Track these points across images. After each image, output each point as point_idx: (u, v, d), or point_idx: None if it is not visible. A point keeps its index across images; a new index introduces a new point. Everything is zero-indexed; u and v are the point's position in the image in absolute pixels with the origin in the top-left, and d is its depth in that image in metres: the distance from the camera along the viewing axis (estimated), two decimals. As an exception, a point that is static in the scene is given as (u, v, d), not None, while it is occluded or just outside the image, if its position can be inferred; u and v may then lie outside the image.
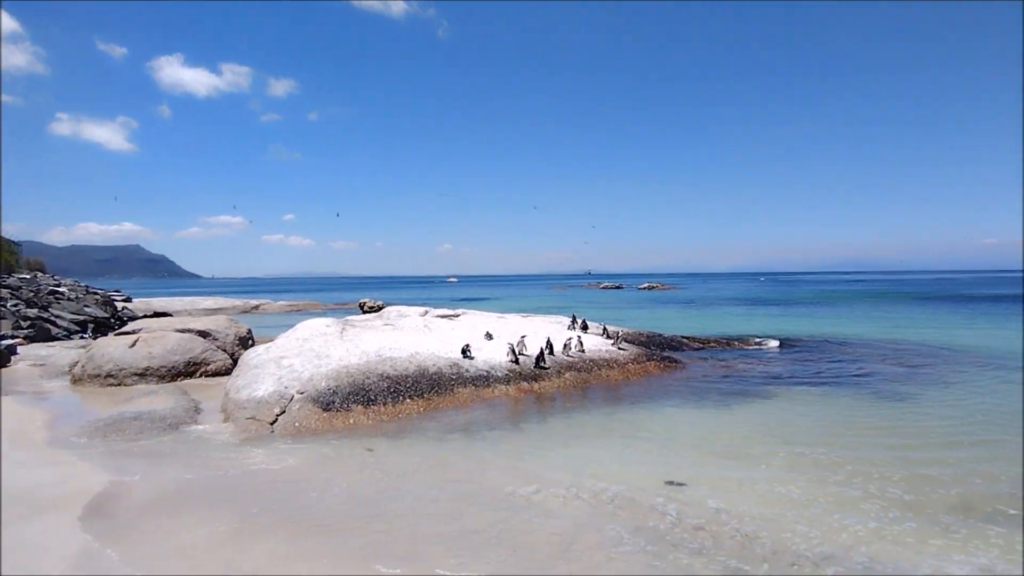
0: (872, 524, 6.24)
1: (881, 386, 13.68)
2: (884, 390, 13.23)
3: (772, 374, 15.49)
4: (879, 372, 15.50)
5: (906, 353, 18.91)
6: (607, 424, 10.63)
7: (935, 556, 5.56)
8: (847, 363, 17.09)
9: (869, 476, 7.65)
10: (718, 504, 6.72)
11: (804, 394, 12.97)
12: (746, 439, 9.63)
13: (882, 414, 11.18)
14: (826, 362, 17.40)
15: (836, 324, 30.12)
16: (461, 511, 6.49)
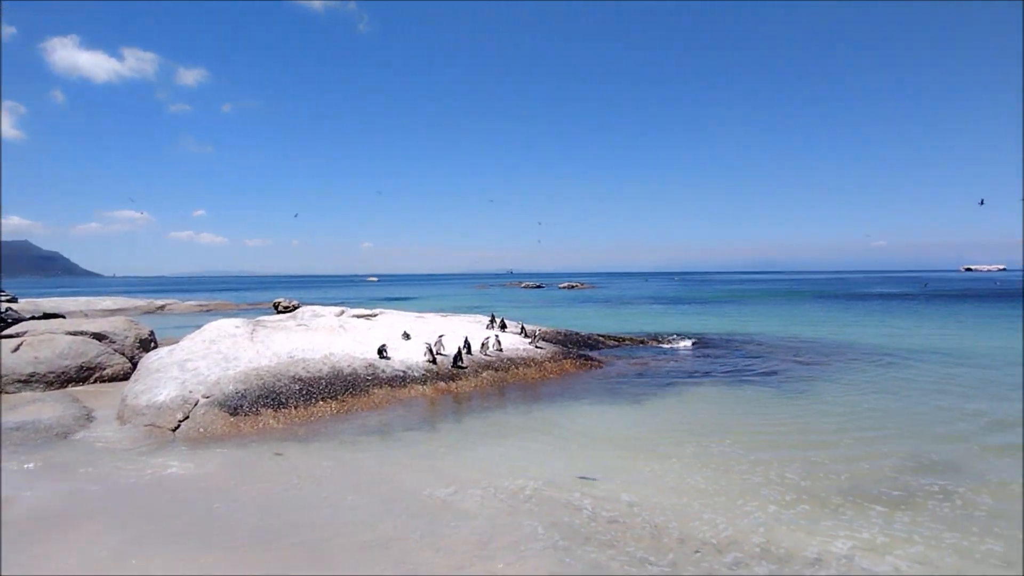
0: (771, 508, 6.67)
1: (783, 381, 14.48)
2: (785, 384, 14.02)
3: (684, 370, 16.10)
4: (781, 367, 16.41)
5: (805, 349, 20.14)
6: (523, 422, 10.74)
7: (823, 535, 6.01)
8: (753, 359, 18.00)
9: (770, 465, 8.14)
10: (631, 497, 6.96)
11: (713, 389, 13.55)
12: (658, 434, 9.98)
13: (783, 407, 11.85)
14: (733, 358, 18.24)
15: (743, 322, 31.70)
16: (380, 517, 6.42)
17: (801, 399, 12.47)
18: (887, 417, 10.88)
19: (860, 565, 5.38)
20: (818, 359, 17.79)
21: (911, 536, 5.96)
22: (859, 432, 9.87)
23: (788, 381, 14.38)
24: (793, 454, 8.66)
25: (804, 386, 13.75)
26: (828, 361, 17.41)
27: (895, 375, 15.11)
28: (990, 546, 5.77)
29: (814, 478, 7.65)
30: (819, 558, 5.50)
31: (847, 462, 8.29)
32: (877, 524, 6.24)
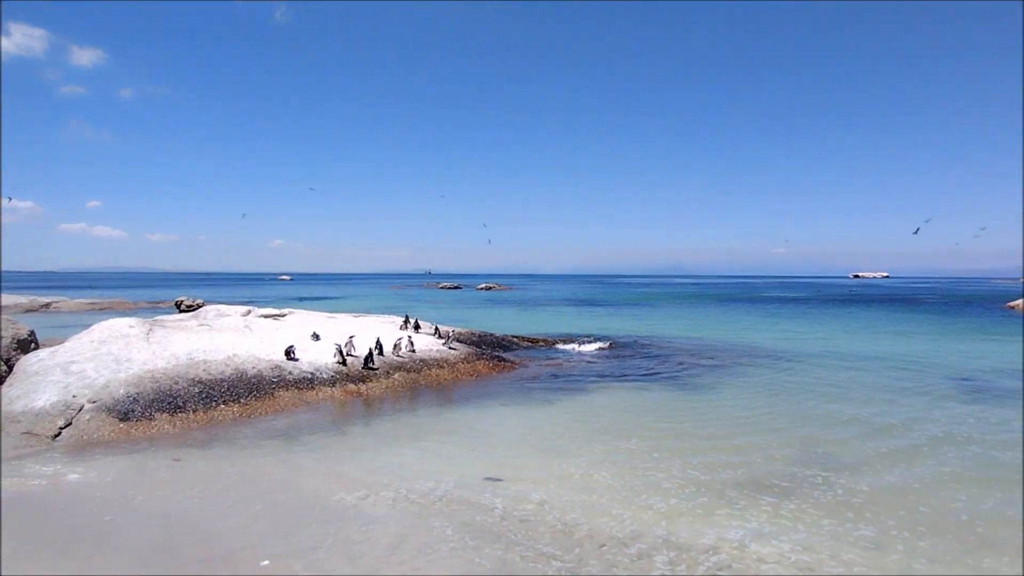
0: (672, 501, 7.07)
1: (687, 381, 15.14)
2: (689, 385, 14.66)
3: (595, 371, 16.51)
4: (686, 368, 17.15)
5: (708, 350, 21.13)
6: (435, 424, 10.73)
7: (719, 524, 6.43)
8: (661, 359, 18.75)
9: (672, 461, 8.58)
10: (541, 496, 7.15)
11: (621, 390, 13.99)
12: (568, 434, 10.25)
13: (686, 407, 12.45)
14: (643, 359, 18.91)
15: (652, 324, 32.89)
16: (290, 526, 6.27)
17: (702, 399, 13.08)
18: (779, 416, 11.64)
19: (750, 550, 5.79)
20: (720, 360, 18.70)
21: (795, 523, 6.47)
22: (753, 430, 10.52)
23: (691, 382, 15.05)
24: (694, 451, 9.14)
25: (706, 386, 14.41)
26: (728, 362, 18.34)
27: (787, 376, 16.14)
28: (863, 531, 6.32)
29: (712, 473, 8.11)
30: (715, 545, 5.88)
31: (742, 458, 8.84)
32: (766, 513, 6.73)
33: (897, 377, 15.90)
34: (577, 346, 21.41)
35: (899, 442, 9.72)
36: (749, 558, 5.63)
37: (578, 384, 14.55)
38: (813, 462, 8.64)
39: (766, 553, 5.72)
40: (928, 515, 6.78)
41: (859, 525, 6.45)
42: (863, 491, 7.51)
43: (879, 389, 14.25)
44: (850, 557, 5.70)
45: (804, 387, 14.46)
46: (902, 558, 5.72)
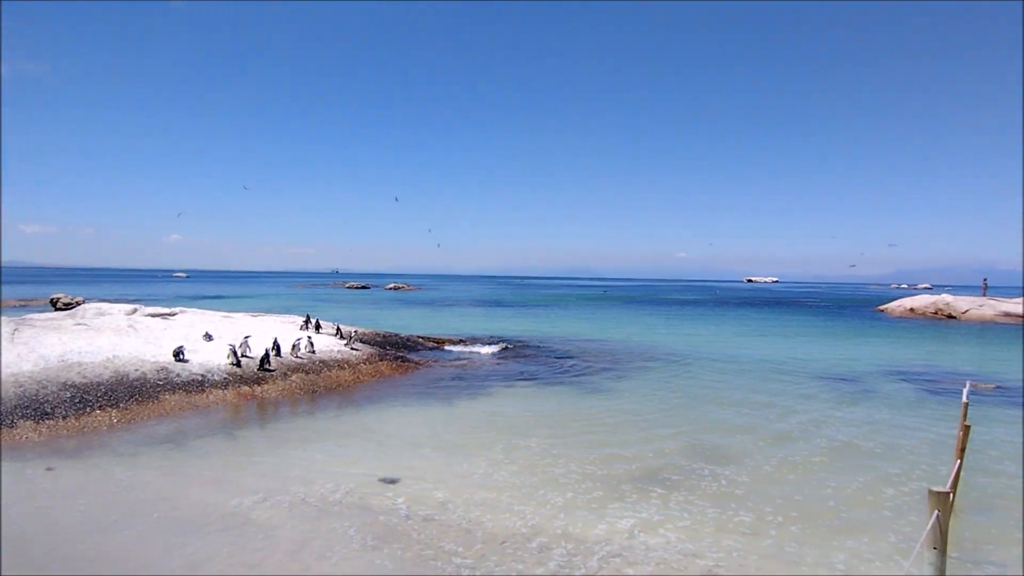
0: (569, 495, 7.38)
1: (588, 380, 15.60)
2: (590, 384, 15.11)
3: (499, 372, 16.67)
4: (588, 368, 17.65)
5: (611, 350, 21.87)
6: (333, 426, 10.54)
7: (612, 516, 6.76)
8: (564, 360, 19.22)
9: (571, 457, 8.89)
10: (443, 495, 7.24)
11: (524, 390, 14.20)
12: (469, 433, 10.41)
13: (586, 405, 12.91)
14: (547, 359, 19.29)
15: (559, 325, 33.59)
16: (184, 537, 6.01)
17: (600, 398, 13.54)
18: (670, 413, 12.27)
19: (639, 539, 6.15)
20: (619, 360, 19.38)
21: (682, 512, 6.91)
22: (647, 426, 11.06)
23: (591, 382, 15.51)
24: (590, 448, 9.50)
25: (604, 386, 14.90)
26: (627, 362, 19.03)
27: (680, 375, 17.01)
28: (742, 517, 6.82)
29: (607, 468, 8.48)
30: (607, 536, 6.19)
31: (635, 453, 9.28)
32: (656, 504, 7.13)
33: (778, 375, 17.11)
34: (483, 347, 21.51)
35: (776, 435, 10.53)
36: (638, 546, 5.96)
37: (481, 385, 14.63)
38: (700, 456, 9.20)
39: (654, 542, 6.07)
40: (800, 502, 7.37)
41: (739, 512, 6.96)
42: (744, 481, 8.04)
43: (761, 386, 15.31)
44: (729, 542, 6.13)
45: (695, 385, 15.27)
46: (775, 542, 6.23)
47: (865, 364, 19.50)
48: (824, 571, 5.54)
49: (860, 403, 13.32)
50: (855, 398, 13.85)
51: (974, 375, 16.88)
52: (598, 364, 18.55)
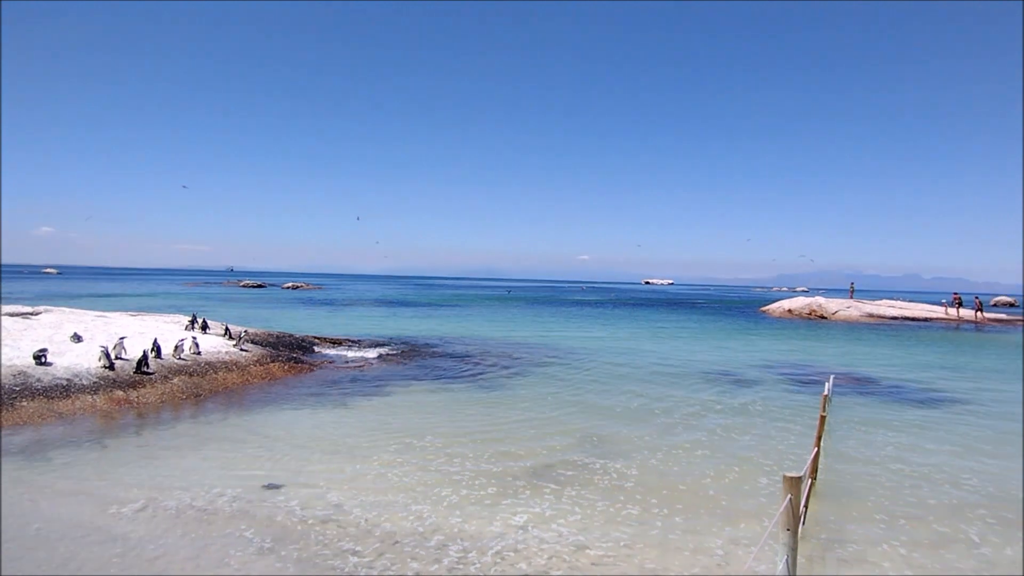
0: (464, 492, 7.52)
1: (486, 379, 15.73)
2: (487, 383, 15.27)
3: (397, 372, 16.49)
4: (487, 367, 17.81)
5: (511, 349, 22.21)
6: (219, 431, 10.17)
7: (505, 511, 6.96)
8: (463, 359, 19.32)
9: (466, 456, 9.03)
10: (338, 498, 7.18)
11: (421, 390, 14.14)
12: (365, 435, 10.28)
13: (482, 403, 13.10)
14: (446, 359, 19.31)
15: (461, 325, 33.64)
16: (66, 555, 5.60)
17: (497, 396, 13.78)
18: (565, 410, 12.64)
19: (532, 533, 6.35)
20: (518, 359, 19.71)
21: (574, 507, 7.18)
22: (541, 423, 11.37)
23: (489, 380, 15.70)
24: (485, 446, 9.68)
25: (502, 384, 15.08)
26: (526, 361, 19.37)
27: (575, 372, 17.56)
28: (630, 509, 7.16)
29: (501, 465, 8.68)
30: (502, 532, 6.37)
31: (529, 450, 9.54)
32: (548, 499, 7.37)
33: (666, 371, 18.02)
34: (382, 348, 21.20)
35: (663, 429, 11.09)
36: (531, 540, 6.16)
37: (378, 385, 14.44)
38: (591, 451, 9.60)
39: (547, 536, 6.30)
40: (684, 492, 7.83)
41: (627, 505, 7.33)
42: (633, 474, 8.42)
43: (651, 382, 16.06)
44: (618, 534, 6.45)
45: (589, 382, 15.80)
46: (660, 531, 6.63)
47: (745, 361, 20.89)
48: (705, 557, 5.92)
49: (738, 397, 14.27)
50: (734, 392, 14.83)
51: (839, 370, 18.35)
52: (497, 363, 18.78)
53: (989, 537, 6.56)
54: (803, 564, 5.67)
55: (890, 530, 6.74)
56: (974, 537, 6.55)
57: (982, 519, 7.04)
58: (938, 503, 7.56)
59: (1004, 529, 6.79)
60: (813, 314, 45.23)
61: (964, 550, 6.25)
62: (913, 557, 6.04)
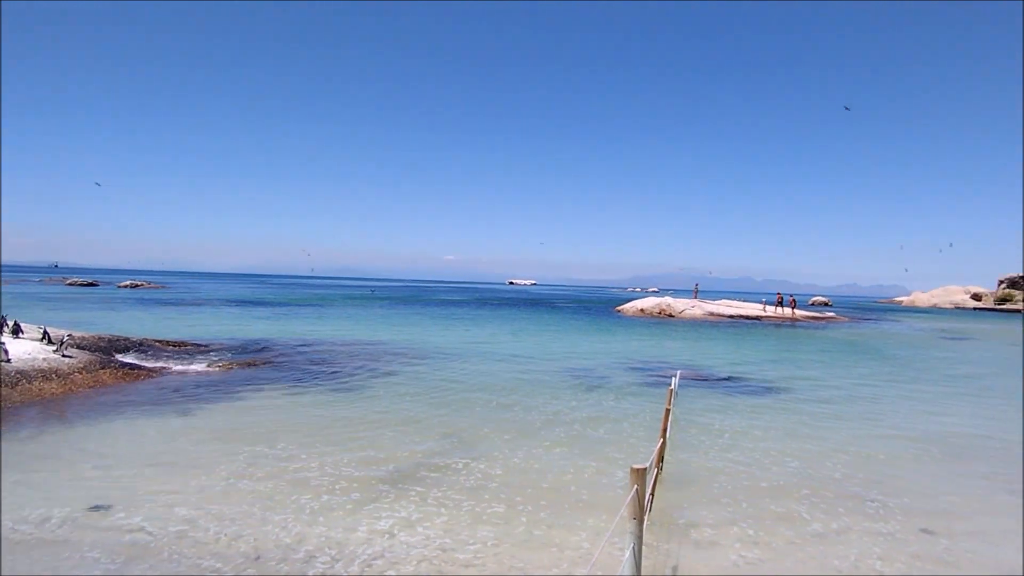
0: (324, 498, 7.32)
1: (346, 380, 15.34)
2: (347, 384, 14.89)
3: (248, 376, 15.72)
4: (346, 368, 17.42)
5: (371, 350, 21.87)
6: (33, 449, 9.23)
7: (370, 516, 6.85)
8: (322, 361, 18.86)
9: (324, 461, 8.76)
10: (189, 512, 6.76)
11: (274, 394, 13.62)
12: (209, 444, 9.69)
13: (341, 406, 12.82)
14: (303, 360, 18.76)
15: (322, 325, 32.59)
16: None
17: (357, 398, 13.57)
18: (427, 410, 12.59)
19: (399, 538, 6.30)
20: (380, 359, 19.43)
21: (439, 508, 7.20)
22: (403, 425, 11.27)
23: (349, 381, 15.35)
24: (345, 450, 9.45)
25: (362, 385, 14.80)
26: (388, 361, 19.14)
27: (436, 372, 17.65)
28: (495, 508, 7.28)
29: (363, 469, 8.51)
30: (368, 538, 6.26)
31: (391, 452, 9.43)
32: (413, 502, 7.33)
33: (527, 369, 18.59)
34: (233, 351, 19.90)
35: (523, 427, 11.36)
36: (399, 546, 6.11)
37: (226, 391, 13.61)
38: (455, 451, 9.67)
39: (414, 540, 6.27)
40: (547, 489, 8.10)
41: (492, 504, 7.47)
42: (497, 474, 8.60)
43: (511, 381, 16.46)
44: (484, 533, 6.56)
45: (451, 382, 15.93)
46: (526, 528, 6.80)
47: (601, 358, 21.98)
48: (571, 551, 6.11)
49: (594, 393, 14.98)
50: (590, 389, 15.54)
51: (684, 365, 19.83)
52: (357, 365, 18.35)
53: (816, 514, 7.36)
54: (651, 550, 6.09)
55: (730, 511, 7.41)
56: (804, 515, 7.35)
57: (807, 498, 7.95)
58: (769, 485, 8.44)
59: (826, 505, 7.69)
60: (662, 313, 48.53)
61: (798, 526, 6.99)
62: (750, 534, 6.68)
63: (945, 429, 12.25)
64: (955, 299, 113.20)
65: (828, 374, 19.80)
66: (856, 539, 6.64)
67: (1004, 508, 7.78)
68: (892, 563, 6.04)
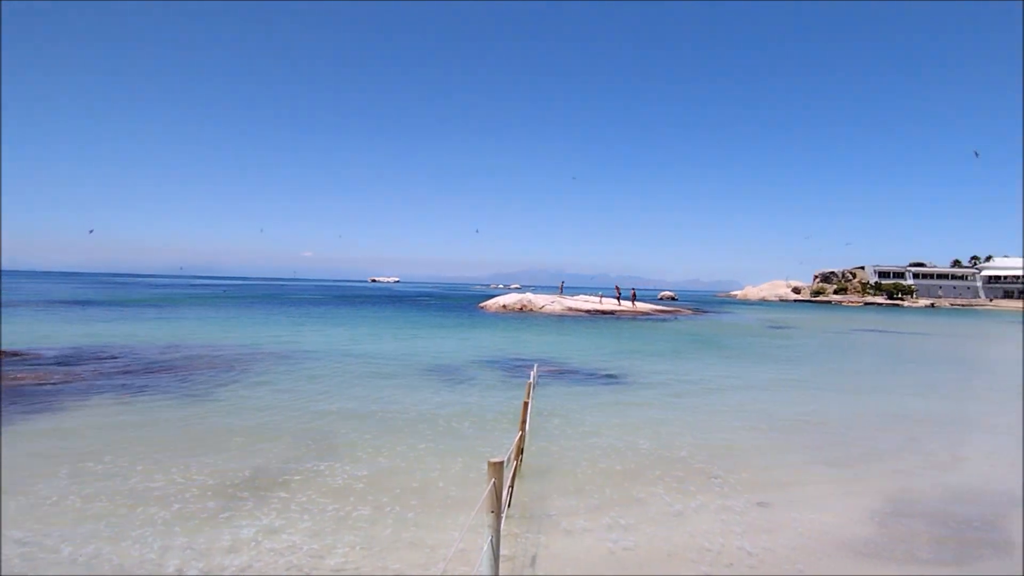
0: (176, 507, 6.99)
1: (193, 388, 14.76)
2: (195, 391, 14.35)
3: (75, 387, 14.31)
4: (195, 374, 16.65)
5: (223, 353, 20.89)
6: None
7: (232, 525, 6.59)
8: (165, 368, 17.81)
9: (169, 472, 8.24)
10: (24, 535, 6.19)
11: (107, 404, 12.61)
12: (23, 464, 8.62)
13: (187, 412, 11.97)
14: (142, 367, 17.60)
15: (164, 328, 30.29)
16: None
17: (208, 404, 12.94)
18: (284, 414, 12.13)
19: (265, 546, 6.12)
20: (232, 363, 18.61)
21: (303, 513, 7.03)
22: (260, 430, 10.81)
23: (198, 388, 14.68)
24: (191, 458, 8.94)
25: (213, 392, 14.15)
26: (241, 365, 18.35)
27: (290, 374, 17.06)
28: (361, 511, 7.18)
29: (216, 477, 8.13)
30: (233, 547, 6.06)
31: (247, 458, 9.04)
32: (276, 508, 7.12)
33: (389, 368, 18.53)
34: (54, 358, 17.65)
35: (389, 427, 11.27)
36: (265, 554, 5.95)
37: (49, 403, 12.28)
38: (317, 455, 9.41)
39: (281, 547, 6.10)
40: (416, 488, 8.11)
41: (359, 506, 7.38)
42: (363, 476, 8.57)
43: (374, 380, 16.32)
44: (351, 537, 6.48)
45: (309, 383, 15.51)
46: (394, 529, 6.77)
47: (464, 355, 22.32)
48: (444, 548, 6.15)
49: (457, 390, 15.18)
50: (453, 386, 15.73)
51: (544, 359, 20.63)
52: (205, 369, 17.33)
53: (674, 494, 8.00)
54: (515, 540, 6.34)
55: (591, 497, 7.88)
56: (663, 495, 7.96)
57: (660, 479, 8.65)
58: (624, 468, 9.07)
59: (679, 485, 8.41)
60: (524, 309, 49.92)
61: (660, 505, 7.58)
62: (612, 515, 7.15)
63: (774, 410, 13.73)
64: (779, 292, 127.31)
65: (675, 363, 21.41)
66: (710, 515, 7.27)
67: (821, 478, 8.92)
68: (733, 534, 6.70)
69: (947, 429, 12.35)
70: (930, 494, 8.24)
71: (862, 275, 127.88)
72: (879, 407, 14.64)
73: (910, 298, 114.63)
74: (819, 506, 7.70)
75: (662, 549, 6.34)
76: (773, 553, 6.27)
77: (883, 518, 7.32)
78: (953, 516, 7.44)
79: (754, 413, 13.36)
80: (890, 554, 6.32)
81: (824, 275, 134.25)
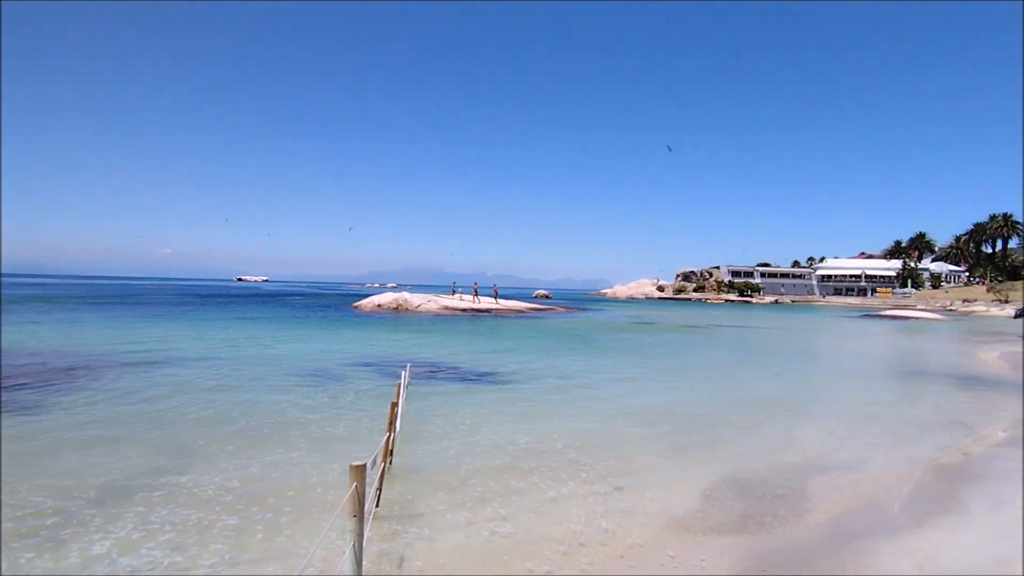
0: (8, 525, 6.48)
1: (30, 399, 13.29)
2: (32, 403, 13.05)
3: None
4: (30, 384, 15.06)
5: (66, 360, 18.95)
6: None
7: (80, 541, 6.22)
8: None
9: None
10: None
11: None
12: None
13: (22, 427, 10.85)
14: None
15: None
16: None
17: (45, 417, 11.69)
18: (138, 422, 11.35)
19: (121, 563, 5.77)
20: (76, 372, 17.12)
21: (164, 525, 6.66)
22: (109, 442, 10.04)
23: (35, 399, 13.49)
24: (20, 477, 8.15)
25: (53, 403, 13.13)
26: (86, 373, 16.94)
27: (144, 380, 15.85)
28: (227, 520, 6.88)
29: (56, 495, 7.52)
30: (83, 565, 5.68)
31: (97, 473, 8.40)
32: (133, 523, 6.72)
33: (256, 371, 17.77)
34: None
35: (258, 434, 10.81)
36: (121, 570, 5.64)
37: None
38: (179, 467, 8.84)
39: (139, 562, 5.79)
40: (291, 496, 7.88)
41: (224, 516, 7.03)
42: (234, 486, 8.20)
43: (240, 384, 15.58)
44: (217, 546, 6.23)
45: (167, 390, 14.54)
46: (264, 536, 6.54)
47: (336, 356, 21.81)
48: (322, 550, 5.98)
49: (330, 392, 14.81)
50: (326, 388, 15.33)
51: (419, 358, 20.66)
52: (43, 379, 15.73)
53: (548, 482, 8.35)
54: (385, 542, 6.34)
55: (474, 490, 8.06)
56: (539, 484, 8.30)
57: (536, 469, 8.99)
58: (502, 463, 9.33)
59: (552, 474, 8.80)
60: (400, 308, 49.45)
61: (536, 493, 7.79)
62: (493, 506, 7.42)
63: (638, 401, 14.67)
64: (646, 290, 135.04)
65: (549, 360, 22.16)
66: (578, 500, 7.75)
67: (672, 463, 9.66)
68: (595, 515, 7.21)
69: (785, 413, 13.73)
70: (762, 472, 9.19)
71: (718, 274, 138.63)
72: (730, 395, 16.11)
73: (758, 295, 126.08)
74: (666, 487, 8.42)
75: (535, 533, 6.66)
76: (623, 529, 6.88)
77: (711, 494, 8.16)
78: (772, 488, 8.41)
79: (621, 405, 14.18)
80: (702, 524, 7.09)
81: (685, 274, 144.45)
